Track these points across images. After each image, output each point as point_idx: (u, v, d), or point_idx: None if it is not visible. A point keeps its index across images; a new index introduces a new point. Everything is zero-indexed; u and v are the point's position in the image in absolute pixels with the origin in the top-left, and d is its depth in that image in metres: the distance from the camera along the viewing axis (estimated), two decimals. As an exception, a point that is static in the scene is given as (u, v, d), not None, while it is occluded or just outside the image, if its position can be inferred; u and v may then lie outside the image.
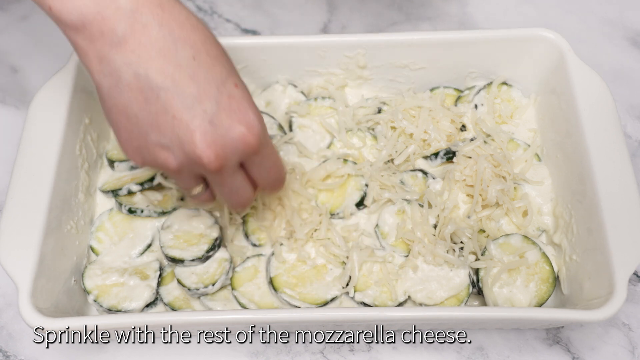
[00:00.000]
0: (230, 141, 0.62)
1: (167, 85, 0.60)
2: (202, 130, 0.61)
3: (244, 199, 0.71)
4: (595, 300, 0.72)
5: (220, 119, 0.61)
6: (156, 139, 0.62)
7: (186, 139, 0.61)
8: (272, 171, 0.70)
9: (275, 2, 1.12)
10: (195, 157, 0.62)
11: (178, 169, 0.64)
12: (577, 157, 0.79)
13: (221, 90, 0.62)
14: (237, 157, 0.64)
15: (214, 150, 0.61)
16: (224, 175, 0.65)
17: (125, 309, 0.78)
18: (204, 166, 0.62)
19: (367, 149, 0.88)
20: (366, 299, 0.78)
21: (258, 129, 0.64)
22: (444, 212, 0.82)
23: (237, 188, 0.69)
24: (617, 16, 1.10)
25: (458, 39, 0.88)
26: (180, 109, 0.60)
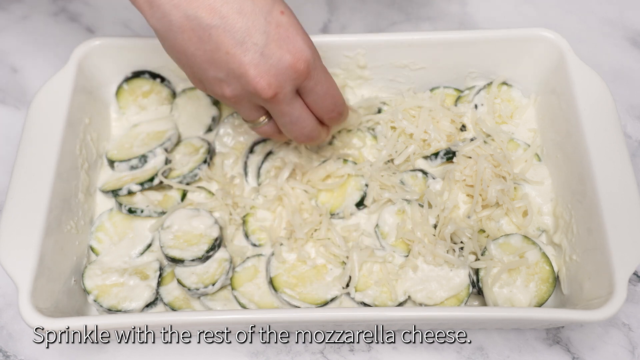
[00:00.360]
0: (282, 70, 0.66)
1: (216, 23, 0.63)
2: (254, 63, 0.65)
3: (307, 129, 0.74)
4: (595, 300, 0.72)
5: (271, 50, 0.65)
6: (214, 74, 0.66)
7: (240, 73, 0.65)
8: (327, 97, 0.72)
9: (275, 2, 1.12)
10: (251, 89, 0.66)
11: (237, 100, 0.69)
12: (577, 157, 0.79)
13: (269, 20, 0.65)
14: (290, 84, 0.67)
15: (267, 80, 0.66)
16: (282, 104, 0.69)
17: (125, 309, 0.78)
18: (260, 96, 0.67)
19: (367, 149, 0.88)
20: (366, 299, 0.78)
21: (307, 55, 0.67)
22: (444, 212, 0.82)
23: (297, 117, 0.72)
24: (617, 16, 1.10)
25: (458, 39, 0.88)
26: (232, 45, 0.64)
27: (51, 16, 1.11)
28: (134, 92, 0.92)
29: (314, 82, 0.70)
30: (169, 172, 0.87)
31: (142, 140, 0.89)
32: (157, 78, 0.92)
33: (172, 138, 0.88)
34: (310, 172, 0.85)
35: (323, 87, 0.71)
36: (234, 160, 0.89)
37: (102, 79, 0.90)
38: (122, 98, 0.92)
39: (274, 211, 0.83)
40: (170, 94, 0.93)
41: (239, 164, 0.88)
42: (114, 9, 1.11)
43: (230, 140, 0.89)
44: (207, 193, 0.86)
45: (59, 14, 1.11)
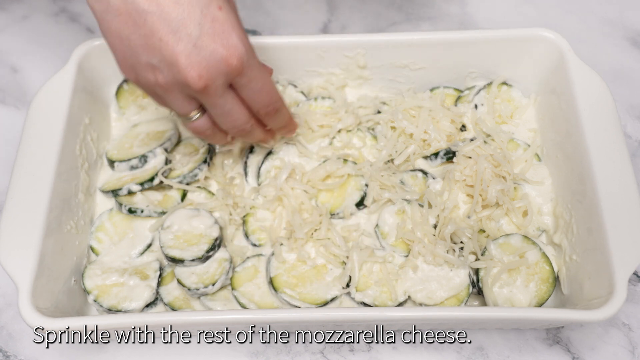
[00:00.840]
0: (213, 63, 0.66)
1: (152, 9, 0.64)
2: (186, 53, 0.65)
3: (240, 121, 0.73)
4: (595, 300, 0.72)
5: (204, 42, 0.65)
6: (146, 60, 0.66)
7: (172, 61, 0.65)
8: (262, 93, 0.72)
9: (275, 2, 1.12)
10: (181, 78, 0.66)
11: (168, 87, 0.68)
12: (577, 157, 0.79)
13: (205, 13, 0.65)
14: (222, 78, 0.67)
15: (197, 71, 0.65)
16: (212, 96, 0.69)
17: (125, 309, 0.78)
18: (190, 86, 0.66)
19: (367, 149, 0.88)
20: (366, 299, 0.78)
21: (240, 51, 0.67)
22: (444, 212, 0.82)
23: (229, 110, 0.71)
24: (617, 16, 1.10)
25: (458, 39, 0.88)
26: (166, 33, 0.64)
27: (51, 16, 1.11)
28: (134, 92, 0.92)
29: (248, 78, 0.70)
30: (169, 172, 0.87)
31: (142, 140, 0.89)
32: (157, 78, 0.92)
33: (172, 138, 0.88)
34: (310, 172, 0.85)
35: (257, 84, 0.71)
36: (234, 160, 0.89)
37: (102, 79, 0.90)
38: (122, 98, 0.92)
39: (273, 211, 0.83)
40: (170, 94, 0.93)
41: (239, 164, 0.88)
42: (114, 9, 1.11)
43: (230, 140, 0.89)
44: (207, 193, 0.86)
45: (59, 14, 1.11)
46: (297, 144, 0.87)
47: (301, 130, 0.89)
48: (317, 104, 0.91)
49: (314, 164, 0.87)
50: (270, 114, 0.76)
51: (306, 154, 0.87)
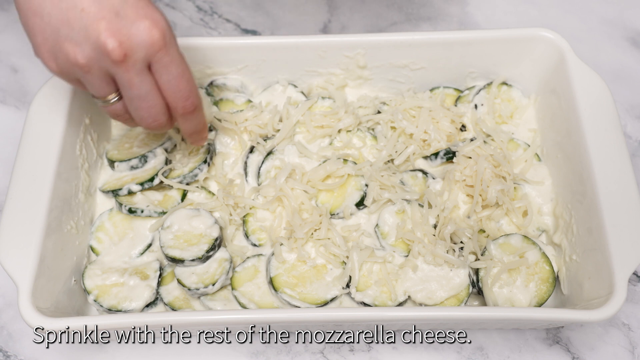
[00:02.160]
0: (135, 31, 0.65)
1: None
2: (107, 19, 0.64)
3: (155, 109, 0.71)
4: (595, 300, 0.72)
5: (126, 12, 0.64)
6: (66, 34, 0.64)
7: (92, 29, 0.64)
8: (180, 80, 0.70)
9: (275, 2, 1.12)
10: (100, 45, 0.64)
11: (86, 64, 0.66)
12: (577, 157, 0.79)
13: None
14: (143, 50, 0.65)
15: (118, 38, 0.64)
16: (130, 72, 0.66)
17: (125, 309, 0.78)
18: (109, 54, 0.64)
19: (367, 149, 0.88)
20: (366, 299, 0.78)
21: (163, 25, 0.66)
22: (444, 212, 0.82)
23: (146, 92, 0.69)
24: (617, 16, 1.10)
25: (458, 39, 0.88)
26: (88, 3, 0.64)
27: (51, 16, 1.10)
28: (134, 92, 0.92)
29: (169, 58, 0.68)
30: (169, 172, 0.87)
31: (142, 140, 0.89)
32: (157, 78, 0.91)
33: (172, 138, 0.88)
34: (310, 172, 0.85)
35: (177, 68, 0.69)
36: (234, 160, 0.89)
37: (102, 79, 0.90)
38: (122, 98, 0.92)
39: (273, 212, 0.83)
40: (170, 94, 0.93)
41: (238, 164, 0.88)
42: (114, 9, 1.11)
43: (230, 140, 0.89)
44: (207, 193, 0.86)
45: (59, 14, 1.11)
46: (297, 144, 0.87)
47: (301, 130, 0.89)
48: (317, 104, 0.91)
49: (314, 164, 0.87)
50: (187, 112, 0.73)
51: (306, 154, 0.87)
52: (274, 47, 0.89)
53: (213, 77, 0.92)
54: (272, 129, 0.88)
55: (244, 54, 0.89)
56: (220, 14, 1.11)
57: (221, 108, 0.92)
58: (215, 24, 1.10)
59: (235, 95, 0.93)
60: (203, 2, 1.12)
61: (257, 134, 0.88)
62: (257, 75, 0.92)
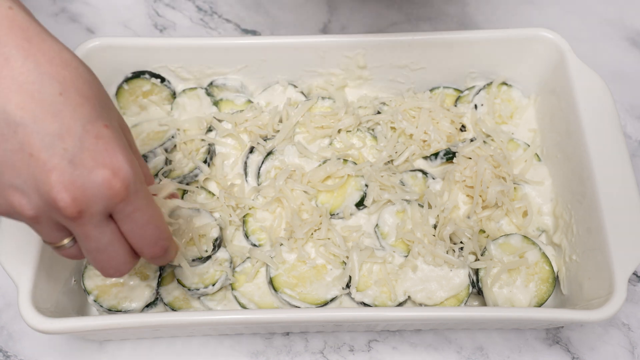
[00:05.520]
0: (91, 184, 0.55)
1: (26, 122, 0.53)
2: (59, 169, 0.54)
3: (116, 261, 0.61)
4: (595, 300, 0.72)
5: (82, 159, 0.55)
6: (9, 180, 0.55)
7: (41, 179, 0.54)
8: (147, 228, 0.61)
9: (275, 2, 1.12)
10: (50, 200, 0.54)
11: (34, 215, 0.56)
12: (577, 157, 0.79)
13: (87, 128, 0.55)
14: (101, 204, 0.56)
15: (71, 192, 0.54)
16: (87, 226, 0.57)
17: (125, 309, 0.78)
18: (61, 211, 0.55)
19: (367, 149, 0.88)
20: (366, 299, 0.78)
21: (126, 173, 0.56)
22: (444, 213, 0.82)
23: (105, 245, 0.59)
24: (617, 16, 1.10)
25: (458, 39, 0.88)
26: (38, 147, 0.54)
27: (51, 16, 1.11)
28: (134, 92, 0.92)
29: (133, 207, 0.58)
30: (169, 172, 0.87)
31: (142, 140, 0.89)
32: (157, 78, 0.92)
33: (172, 138, 0.88)
34: (310, 172, 0.85)
35: (144, 216, 0.60)
36: (233, 161, 0.89)
37: (102, 79, 0.89)
38: (123, 98, 0.92)
39: (273, 212, 0.83)
40: (170, 94, 0.93)
41: (238, 164, 0.88)
42: (114, 9, 1.11)
43: (230, 141, 0.89)
44: (207, 193, 0.86)
45: (59, 14, 1.11)
46: (297, 145, 0.87)
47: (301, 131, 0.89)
48: (317, 104, 0.91)
49: (314, 164, 0.87)
50: (156, 255, 0.64)
51: (306, 155, 0.87)
52: (274, 47, 0.89)
53: (213, 77, 0.92)
54: (272, 129, 0.88)
55: (244, 54, 0.89)
56: (220, 14, 1.11)
57: (221, 108, 0.92)
58: (215, 24, 1.10)
59: (235, 95, 0.93)
60: (203, 2, 1.12)
61: (257, 135, 0.88)
62: (257, 75, 0.92)
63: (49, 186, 0.54)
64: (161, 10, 1.11)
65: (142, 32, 1.09)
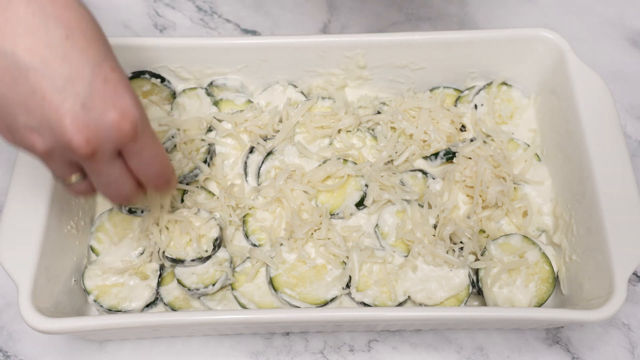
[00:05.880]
0: (103, 126, 0.59)
1: (36, 65, 0.56)
2: (73, 113, 0.57)
3: (124, 192, 0.67)
4: (595, 300, 0.72)
5: (94, 103, 0.58)
6: (24, 121, 0.58)
7: (56, 123, 0.57)
8: (153, 164, 0.66)
9: (275, 2, 1.12)
10: (65, 142, 0.58)
11: (48, 153, 0.60)
12: (577, 157, 0.79)
13: (96, 72, 0.58)
14: (112, 144, 0.60)
15: (85, 134, 0.58)
16: (99, 163, 0.62)
17: (125, 309, 0.78)
18: (75, 151, 0.59)
19: (367, 149, 0.88)
20: (366, 299, 0.78)
21: (134, 115, 0.60)
22: (444, 213, 0.82)
23: (115, 179, 0.65)
24: (617, 16, 1.10)
25: (458, 39, 0.88)
26: (50, 91, 0.56)
27: (51, 16, 1.10)
28: (134, 92, 0.92)
29: (140, 146, 0.63)
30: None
31: (142, 140, 0.89)
32: (157, 78, 0.92)
33: (172, 138, 0.88)
34: (310, 173, 0.85)
35: (149, 153, 0.64)
36: (233, 161, 0.89)
37: (102, 79, 0.90)
38: (122, 98, 0.92)
39: (273, 212, 0.83)
40: (170, 94, 0.93)
41: (238, 164, 0.88)
42: (114, 9, 1.11)
43: (230, 141, 0.89)
44: (207, 193, 0.86)
45: (59, 14, 1.11)
46: (297, 145, 0.87)
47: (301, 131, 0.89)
48: (317, 104, 0.91)
49: (314, 164, 0.87)
50: (159, 186, 0.69)
51: (306, 155, 0.87)
52: (274, 47, 0.89)
53: (213, 77, 0.92)
54: (272, 129, 0.88)
55: (244, 54, 0.89)
56: (220, 14, 1.11)
57: (221, 108, 0.92)
58: (215, 24, 1.10)
59: (235, 95, 0.93)
60: (203, 2, 1.12)
61: (257, 135, 0.88)
62: (257, 75, 0.92)
63: (63, 129, 0.57)
64: (161, 10, 1.11)
65: (142, 32, 1.09)
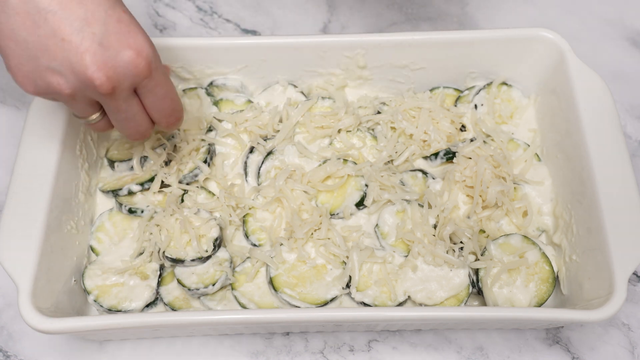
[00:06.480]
0: (121, 63, 0.62)
1: (54, 8, 0.59)
2: (92, 52, 0.61)
3: (142, 128, 0.72)
4: (595, 300, 0.72)
5: (110, 41, 0.62)
6: (47, 63, 0.61)
7: (76, 62, 0.61)
8: (165, 100, 0.70)
9: (275, 2, 1.12)
10: (87, 80, 0.62)
11: (71, 93, 0.63)
12: (577, 157, 0.79)
13: (110, 13, 0.62)
14: (129, 80, 0.64)
15: (105, 72, 0.62)
16: (118, 100, 0.66)
17: (125, 309, 0.78)
18: (97, 88, 0.62)
19: (367, 149, 0.88)
20: (366, 299, 0.78)
21: (148, 53, 0.64)
22: (444, 213, 0.82)
23: (133, 115, 0.69)
24: (617, 16, 1.10)
25: (458, 39, 0.88)
26: (69, 32, 0.60)
27: (51, 16, 1.11)
28: (134, 92, 0.92)
29: (154, 82, 0.67)
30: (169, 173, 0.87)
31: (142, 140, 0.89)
32: (157, 78, 0.91)
33: (173, 138, 0.88)
34: (310, 173, 0.85)
35: (162, 90, 0.69)
36: (233, 161, 0.89)
37: (102, 79, 0.90)
38: (122, 98, 0.92)
39: (273, 212, 0.83)
40: (170, 94, 0.93)
41: (239, 164, 0.88)
42: (114, 9, 1.11)
43: (230, 141, 0.89)
44: (207, 193, 0.86)
45: (59, 14, 1.11)
46: (297, 145, 0.87)
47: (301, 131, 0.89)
48: (317, 104, 0.91)
49: (314, 164, 0.87)
50: (172, 124, 0.74)
51: (306, 155, 0.87)
52: (274, 47, 0.89)
53: (213, 77, 0.92)
54: (272, 129, 0.88)
55: (244, 54, 0.89)
56: (220, 14, 1.11)
57: (221, 108, 0.92)
58: (215, 24, 1.10)
59: (235, 95, 0.93)
60: (203, 2, 1.12)
61: (257, 135, 0.88)
62: (257, 75, 0.92)
63: (84, 67, 0.61)
64: (161, 10, 1.11)
65: (142, 32, 1.09)
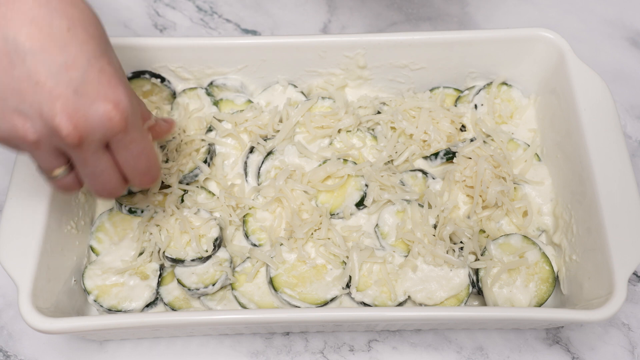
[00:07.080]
0: (93, 114, 0.59)
1: (35, 51, 0.57)
2: (64, 98, 0.58)
3: (110, 185, 0.67)
4: (595, 300, 0.72)
5: (86, 90, 0.59)
6: (14, 104, 0.58)
7: (46, 106, 0.58)
8: (140, 158, 0.66)
9: (275, 2, 1.12)
10: (53, 127, 0.58)
11: (36, 140, 0.59)
12: (577, 157, 0.79)
13: (92, 63, 0.59)
14: (100, 133, 0.60)
15: (74, 121, 0.58)
16: (86, 153, 0.62)
17: (125, 309, 0.78)
18: (63, 138, 0.59)
19: (367, 149, 0.88)
20: (366, 299, 0.78)
21: (125, 106, 0.61)
22: (444, 213, 0.82)
23: (101, 171, 0.65)
24: (617, 16, 1.10)
25: (458, 39, 0.88)
26: (45, 75, 0.57)
27: (51, 16, 1.11)
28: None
29: (130, 138, 0.63)
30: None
31: (142, 140, 0.89)
32: (157, 78, 0.92)
33: (173, 138, 0.88)
34: (310, 173, 0.85)
35: (138, 147, 0.65)
36: (234, 161, 0.89)
37: (102, 79, 0.90)
38: (122, 98, 0.92)
39: (273, 212, 0.83)
40: (171, 94, 0.93)
41: (238, 164, 0.88)
42: (114, 9, 1.11)
43: (230, 141, 0.89)
44: (207, 193, 0.86)
45: (59, 14, 1.11)
46: (297, 145, 0.87)
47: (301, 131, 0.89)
48: (317, 104, 0.91)
49: (314, 164, 0.87)
50: (145, 183, 0.70)
51: (306, 155, 0.87)
52: (274, 47, 0.89)
53: (213, 77, 0.92)
54: (272, 129, 0.88)
55: (244, 54, 0.89)
56: (220, 14, 1.11)
57: (221, 108, 0.92)
58: (215, 24, 1.10)
59: (235, 95, 0.93)
60: (203, 2, 1.12)
61: (257, 135, 0.88)
62: (257, 75, 0.92)
63: (53, 112, 0.58)
64: (161, 10, 1.11)
65: (142, 32, 1.09)
